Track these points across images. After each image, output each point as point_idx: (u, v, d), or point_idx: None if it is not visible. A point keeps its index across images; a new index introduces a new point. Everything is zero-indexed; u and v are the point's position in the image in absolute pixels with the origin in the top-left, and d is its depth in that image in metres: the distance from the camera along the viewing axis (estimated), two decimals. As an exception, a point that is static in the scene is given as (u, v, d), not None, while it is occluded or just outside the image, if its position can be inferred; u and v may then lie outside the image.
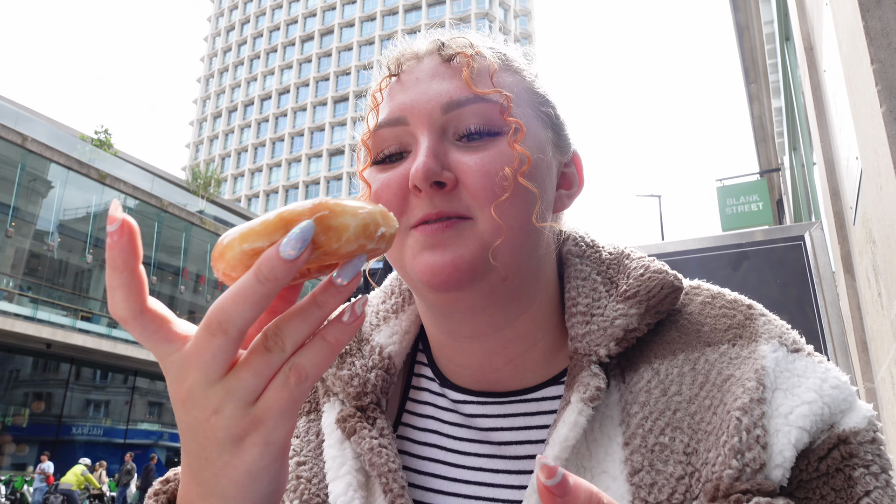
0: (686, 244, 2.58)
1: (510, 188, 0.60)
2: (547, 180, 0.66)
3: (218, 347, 0.41)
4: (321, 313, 0.43)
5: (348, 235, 0.44)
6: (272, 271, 0.40)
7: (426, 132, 0.63)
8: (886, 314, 2.15)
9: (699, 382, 0.58)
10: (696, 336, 0.62)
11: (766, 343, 0.59)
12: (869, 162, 2.03)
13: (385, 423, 0.66)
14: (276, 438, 0.44)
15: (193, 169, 38.66)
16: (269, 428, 0.43)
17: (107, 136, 31.21)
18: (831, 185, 3.41)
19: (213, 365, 0.42)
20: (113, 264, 0.42)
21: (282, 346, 0.43)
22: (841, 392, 0.56)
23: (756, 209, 9.01)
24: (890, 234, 1.89)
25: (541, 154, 0.65)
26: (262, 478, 0.45)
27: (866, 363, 2.99)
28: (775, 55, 6.63)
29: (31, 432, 19.72)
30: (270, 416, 0.43)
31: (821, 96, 3.51)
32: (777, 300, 2.27)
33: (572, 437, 0.57)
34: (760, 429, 0.53)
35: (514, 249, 0.62)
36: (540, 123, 0.67)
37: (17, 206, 19.57)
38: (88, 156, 22.97)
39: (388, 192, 0.63)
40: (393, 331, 0.73)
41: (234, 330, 0.41)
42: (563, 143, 0.71)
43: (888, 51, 1.75)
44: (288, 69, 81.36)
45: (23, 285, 19.72)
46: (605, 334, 0.62)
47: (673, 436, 0.56)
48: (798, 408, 0.54)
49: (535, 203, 0.62)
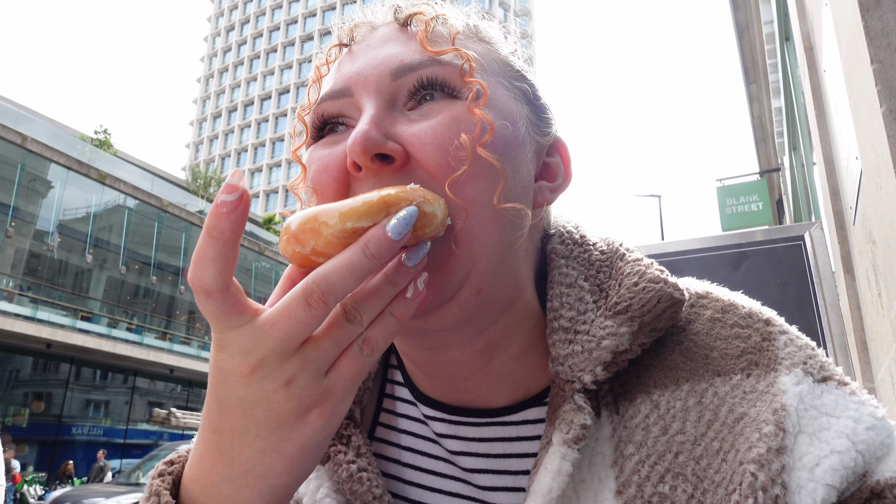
0: (686, 244, 2.58)
1: (468, 160, 0.50)
2: (518, 157, 0.55)
3: (313, 317, 0.41)
4: (393, 290, 0.45)
5: (437, 222, 0.47)
6: (379, 249, 0.42)
7: (371, 100, 0.54)
8: (886, 314, 2.15)
9: (706, 420, 0.49)
10: (703, 362, 0.53)
11: (787, 373, 0.50)
12: (869, 162, 2.03)
13: (361, 441, 0.59)
14: (341, 411, 0.44)
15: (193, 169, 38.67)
16: (337, 398, 0.43)
17: (107, 136, 31.23)
18: (831, 185, 3.41)
19: (298, 335, 0.41)
20: (220, 234, 0.40)
21: (360, 319, 0.44)
22: (878, 434, 0.47)
23: (756, 209, 9.00)
24: (890, 234, 1.89)
25: (509, 125, 0.55)
26: (314, 454, 0.44)
27: (866, 363, 2.99)
28: (775, 55, 6.63)
29: (31, 432, 19.72)
30: (342, 385, 0.43)
31: (821, 96, 3.51)
32: (777, 300, 2.27)
33: (556, 487, 0.49)
34: (780, 487, 0.44)
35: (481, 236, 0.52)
36: (511, 95, 0.58)
37: (17, 206, 19.57)
38: (88, 156, 22.96)
39: (325, 176, 0.54)
40: None
41: (334, 301, 0.42)
42: (542, 123, 0.61)
43: (888, 51, 1.75)
44: (288, 69, 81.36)
45: (23, 285, 19.71)
46: (591, 357, 0.53)
47: (674, 484, 0.48)
48: (826, 459, 0.45)
49: (499, 180, 0.52)
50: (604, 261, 0.60)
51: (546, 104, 0.63)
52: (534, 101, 0.61)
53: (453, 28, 0.58)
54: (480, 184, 0.51)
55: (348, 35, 0.61)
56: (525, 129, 0.57)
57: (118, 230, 22.71)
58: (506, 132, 0.54)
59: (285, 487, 0.44)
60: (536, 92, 0.62)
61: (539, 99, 0.62)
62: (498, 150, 0.53)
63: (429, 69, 0.54)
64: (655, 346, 0.55)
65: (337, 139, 0.56)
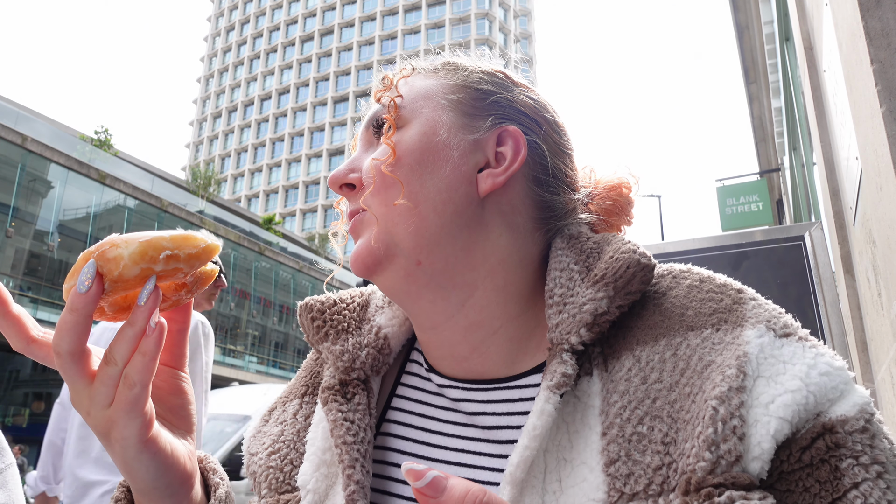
0: (686, 244, 2.58)
1: (373, 181, 0.67)
2: (434, 162, 0.67)
3: (62, 367, 0.54)
4: (133, 331, 0.54)
5: (124, 262, 0.53)
6: (74, 304, 0.52)
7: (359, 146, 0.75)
8: (886, 314, 2.15)
9: (680, 369, 0.56)
10: (679, 320, 0.60)
11: (751, 328, 0.56)
12: (869, 162, 2.03)
13: (364, 400, 0.69)
14: (130, 436, 0.55)
15: (193, 169, 38.67)
16: (120, 426, 0.55)
17: (107, 136, 31.22)
18: (831, 185, 3.41)
19: (71, 378, 0.54)
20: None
21: (114, 361, 0.54)
22: (831, 379, 0.53)
23: (756, 209, 9.01)
24: (890, 234, 1.89)
25: (426, 140, 0.68)
26: (136, 467, 0.57)
27: (866, 363, 2.99)
28: (775, 55, 6.63)
29: (31, 432, 19.72)
30: (118, 415, 0.54)
31: (821, 96, 3.51)
32: (777, 300, 2.26)
33: (540, 425, 0.56)
34: (738, 419, 0.50)
35: (412, 229, 0.65)
36: (439, 111, 0.69)
37: (17, 206, 19.57)
38: (88, 156, 22.97)
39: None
40: (394, 314, 0.76)
41: (63, 353, 0.53)
42: (473, 123, 0.69)
43: (888, 51, 1.75)
44: (288, 69, 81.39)
45: (23, 285, 19.71)
46: (575, 321, 0.61)
47: (651, 425, 0.54)
48: (780, 397, 0.51)
49: (400, 190, 0.66)
50: (594, 248, 0.67)
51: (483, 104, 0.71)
52: (465, 106, 0.70)
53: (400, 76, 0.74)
54: (383, 195, 0.66)
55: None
56: (447, 135, 0.68)
57: (118, 230, 22.58)
58: (412, 148, 0.67)
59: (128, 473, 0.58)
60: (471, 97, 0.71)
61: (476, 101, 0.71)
62: (402, 165, 0.67)
63: (376, 113, 0.73)
64: (639, 311, 0.63)
65: None
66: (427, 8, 75.63)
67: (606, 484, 0.54)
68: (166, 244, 0.55)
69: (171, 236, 0.56)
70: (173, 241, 0.55)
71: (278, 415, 0.77)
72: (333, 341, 0.72)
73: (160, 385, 0.64)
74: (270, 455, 0.71)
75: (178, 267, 0.55)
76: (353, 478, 0.62)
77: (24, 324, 0.56)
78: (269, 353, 31.36)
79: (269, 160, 77.59)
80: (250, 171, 78.82)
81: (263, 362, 31.00)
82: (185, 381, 0.66)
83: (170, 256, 0.54)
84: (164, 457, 0.58)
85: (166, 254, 0.54)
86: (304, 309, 0.76)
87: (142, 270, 0.54)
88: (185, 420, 0.65)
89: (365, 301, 0.78)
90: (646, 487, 0.52)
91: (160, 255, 0.54)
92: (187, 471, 0.61)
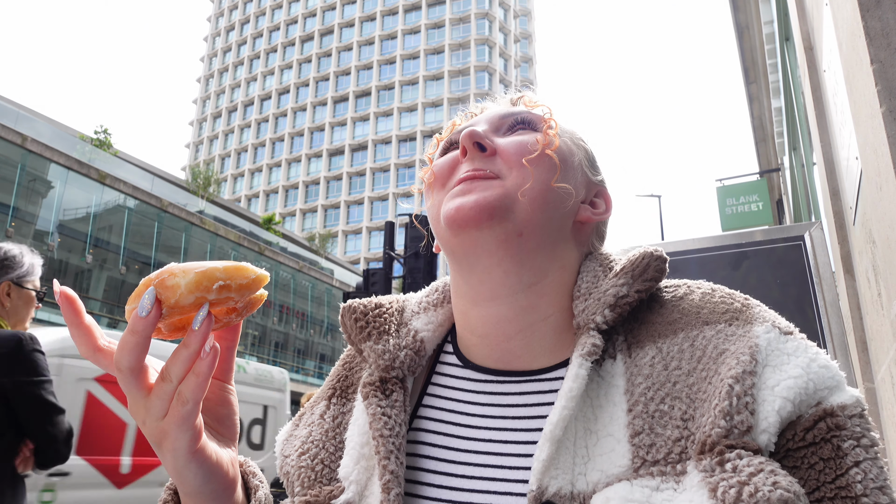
0: (686, 244, 2.58)
1: (538, 152, 0.73)
2: (569, 171, 0.77)
3: (122, 380, 0.59)
4: (188, 352, 0.59)
5: (181, 291, 0.58)
6: (135, 326, 0.57)
7: (483, 124, 0.79)
8: (886, 314, 2.15)
9: (697, 357, 0.64)
10: (696, 317, 0.68)
11: (760, 325, 0.64)
12: (869, 162, 2.03)
13: (400, 398, 0.74)
14: (181, 447, 0.60)
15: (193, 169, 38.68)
16: (172, 438, 0.60)
17: (107, 136, 31.21)
18: (831, 185, 3.41)
19: (129, 391, 0.60)
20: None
21: (170, 378, 0.59)
22: (829, 371, 0.60)
23: (756, 209, 9.01)
24: (890, 234, 1.89)
25: (569, 149, 0.79)
26: (186, 474, 0.62)
27: (866, 363, 2.99)
28: (775, 55, 6.63)
29: (31, 432, 19.70)
30: (170, 428, 0.59)
31: (821, 96, 3.51)
32: (777, 300, 2.27)
33: (575, 387, 0.63)
34: (750, 397, 0.57)
35: (532, 207, 0.72)
36: (573, 144, 0.81)
37: (17, 206, 19.57)
38: (88, 156, 22.97)
39: (442, 165, 0.78)
40: (429, 320, 0.82)
41: (124, 369, 0.59)
42: (593, 167, 0.83)
43: (888, 51, 1.75)
44: (288, 69, 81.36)
45: (23, 285, 19.66)
46: (599, 303, 0.69)
47: (672, 404, 0.61)
48: (784, 381, 0.58)
49: (555, 172, 0.74)
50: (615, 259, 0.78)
51: (598, 165, 0.86)
52: (589, 155, 0.84)
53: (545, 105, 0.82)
54: (543, 170, 0.73)
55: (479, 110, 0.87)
56: (579, 162, 0.80)
57: (118, 230, 22.71)
58: (564, 151, 0.78)
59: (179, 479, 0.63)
60: (590, 152, 0.85)
61: (592, 156, 0.85)
62: (559, 154, 0.76)
63: (523, 112, 0.80)
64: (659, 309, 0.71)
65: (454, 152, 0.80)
66: (427, 8, 75.61)
67: (631, 452, 0.60)
68: (220, 275, 0.59)
69: (224, 267, 0.60)
70: (226, 272, 0.60)
71: (307, 418, 0.82)
72: (376, 341, 0.77)
73: (209, 397, 0.69)
74: (301, 456, 0.76)
75: (230, 296, 0.60)
76: (388, 468, 0.67)
77: (93, 333, 0.61)
78: (269, 353, 31.35)
79: (269, 160, 77.57)
80: (250, 171, 78.81)
81: (263, 362, 31.02)
82: (232, 392, 0.71)
83: (222, 286, 0.59)
84: (211, 465, 0.64)
85: (219, 284, 0.59)
86: (348, 310, 0.81)
87: (196, 298, 0.58)
88: (230, 429, 0.71)
89: (401, 307, 0.84)
90: (666, 455, 0.59)
91: (214, 285, 0.59)
92: (230, 476, 0.67)
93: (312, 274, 33.77)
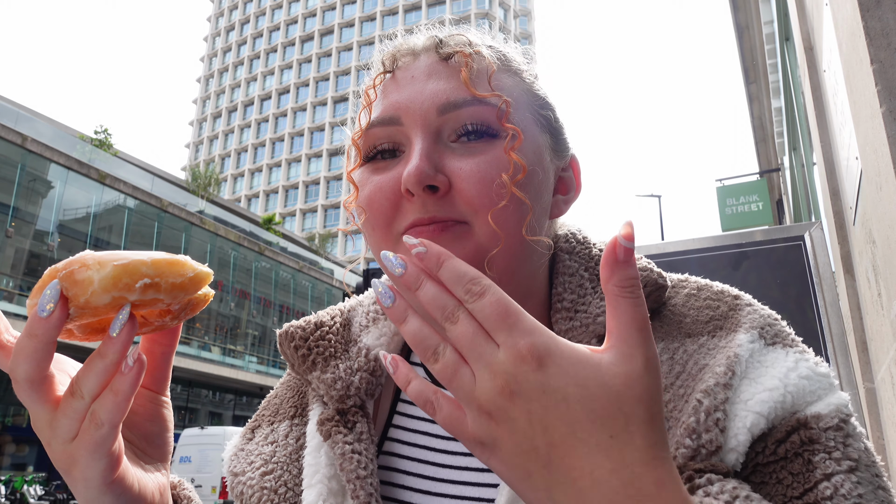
0: (686, 244, 2.58)
1: (507, 196, 0.59)
2: (543, 188, 0.65)
3: (19, 392, 0.49)
4: (104, 364, 0.48)
5: (93, 288, 0.45)
6: (34, 328, 0.46)
7: (420, 134, 0.61)
8: (886, 314, 2.16)
9: (675, 372, 0.59)
10: (677, 327, 0.62)
11: (745, 333, 0.59)
12: (869, 162, 2.03)
13: (365, 428, 0.65)
14: (93, 476, 0.50)
15: (193, 169, 38.68)
16: (82, 465, 0.50)
17: (107, 135, 31.21)
18: (831, 185, 3.41)
19: (30, 405, 0.49)
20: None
21: (80, 394, 0.48)
22: (811, 383, 0.55)
23: (756, 209, 9.00)
24: (890, 234, 1.89)
25: (537, 162, 0.64)
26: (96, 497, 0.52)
27: (866, 363, 2.99)
28: (775, 55, 6.63)
29: (31, 432, 19.68)
30: (81, 454, 0.49)
31: (821, 96, 3.51)
32: (777, 300, 2.27)
33: None
34: (721, 412, 0.53)
35: (510, 258, 0.61)
36: (538, 128, 0.66)
37: (17, 206, 19.58)
38: (88, 156, 22.97)
39: (379, 197, 0.62)
40: (381, 332, 0.72)
41: (20, 379, 0.48)
42: (560, 148, 0.69)
43: (888, 51, 1.75)
44: (288, 69, 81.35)
45: (23, 285, 19.70)
46: (588, 331, 0.62)
47: None
48: (758, 394, 0.54)
49: (527, 214, 0.61)
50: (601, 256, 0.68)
51: (562, 126, 0.70)
52: (554, 126, 0.69)
53: (489, 65, 0.63)
54: (513, 217, 0.60)
55: (391, 60, 0.67)
56: (548, 159, 0.66)
57: (118, 230, 22.70)
58: (535, 171, 0.63)
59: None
60: (556, 115, 0.69)
61: (558, 121, 0.69)
62: (528, 187, 0.61)
63: (472, 108, 0.61)
64: None
65: (388, 165, 0.64)
66: (427, 8, 75.62)
67: None
68: (146, 270, 0.46)
69: (153, 261, 0.47)
70: (155, 266, 0.47)
71: (265, 433, 0.73)
72: (322, 369, 0.69)
73: (137, 410, 0.58)
74: (264, 475, 0.67)
75: (158, 297, 0.47)
76: None
77: None
78: (269, 353, 31.34)
79: (269, 160, 77.55)
80: (250, 171, 78.78)
81: (263, 362, 30.99)
82: (166, 406, 0.61)
83: (148, 285, 0.46)
84: (131, 496, 0.54)
85: (144, 282, 0.46)
86: (285, 337, 0.71)
87: (113, 299, 0.46)
88: (160, 448, 0.60)
89: (346, 320, 0.74)
90: None
91: (137, 282, 0.46)
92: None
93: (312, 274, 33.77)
